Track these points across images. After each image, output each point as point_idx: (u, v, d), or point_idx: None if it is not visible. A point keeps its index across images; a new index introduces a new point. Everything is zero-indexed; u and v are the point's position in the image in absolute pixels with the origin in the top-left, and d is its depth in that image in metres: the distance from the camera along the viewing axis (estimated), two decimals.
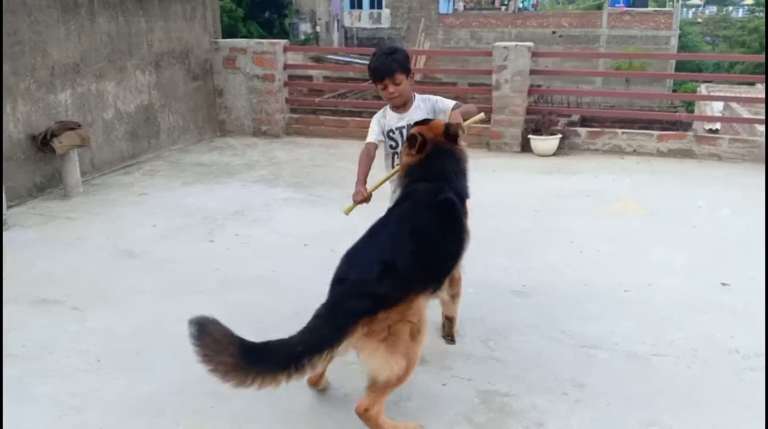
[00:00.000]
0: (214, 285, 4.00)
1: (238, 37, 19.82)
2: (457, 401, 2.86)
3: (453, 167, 2.91)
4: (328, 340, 2.33)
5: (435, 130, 2.94)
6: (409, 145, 2.90)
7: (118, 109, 6.62)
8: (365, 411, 2.50)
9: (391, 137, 3.40)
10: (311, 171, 6.66)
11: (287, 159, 7.15)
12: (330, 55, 25.66)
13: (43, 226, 4.95)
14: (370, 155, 3.41)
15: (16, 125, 5.41)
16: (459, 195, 2.88)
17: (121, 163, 6.69)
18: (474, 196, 5.04)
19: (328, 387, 2.91)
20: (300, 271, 4.23)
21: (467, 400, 2.87)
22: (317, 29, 41.22)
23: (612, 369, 3.13)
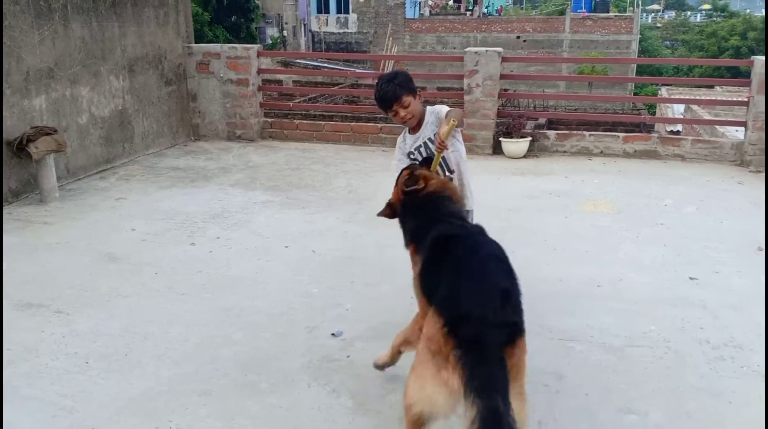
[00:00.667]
0: (198, 287, 4.04)
1: (204, 42, 19.73)
2: None
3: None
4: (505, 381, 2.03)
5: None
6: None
7: (92, 114, 6.59)
8: None
9: (412, 158, 3.41)
10: (288, 174, 6.71)
11: (263, 163, 7.19)
12: (298, 60, 25.68)
13: (22, 232, 4.92)
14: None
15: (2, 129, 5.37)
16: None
17: (96, 168, 6.65)
18: None
19: None
20: (283, 272, 4.29)
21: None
22: (284, 33, 41.14)
23: (589, 361, 3.26)
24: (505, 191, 6.22)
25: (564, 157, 7.63)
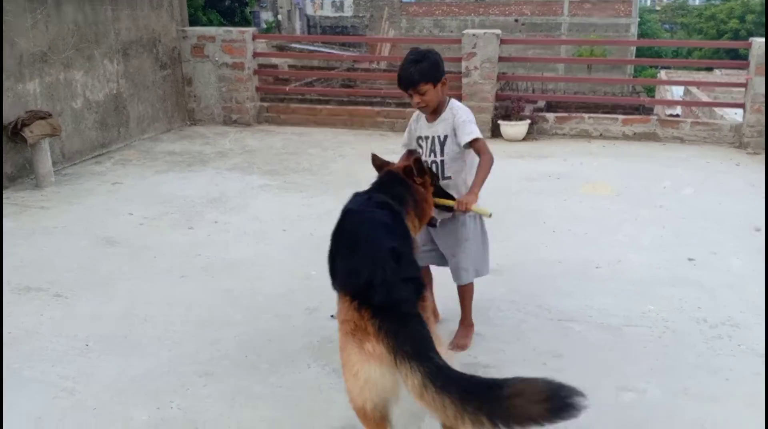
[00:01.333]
0: (197, 270, 4.04)
1: (198, 26, 19.56)
2: None
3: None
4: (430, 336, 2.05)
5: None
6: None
7: (87, 98, 6.55)
8: None
9: (419, 144, 3.19)
10: (285, 158, 6.69)
11: (260, 147, 7.17)
12: (294, 44, 25.50)
13: (19, 216, 4.91)
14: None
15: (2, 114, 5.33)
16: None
17: (92, 152, 6.63)
18: None
19: None
20: (281, 254, 4.30)
21: None
22: (279, 18, 40.86)
23: (587, 340, 3.28)
24: (504, 174, 6.16)
25: (563, 139, 7.61)
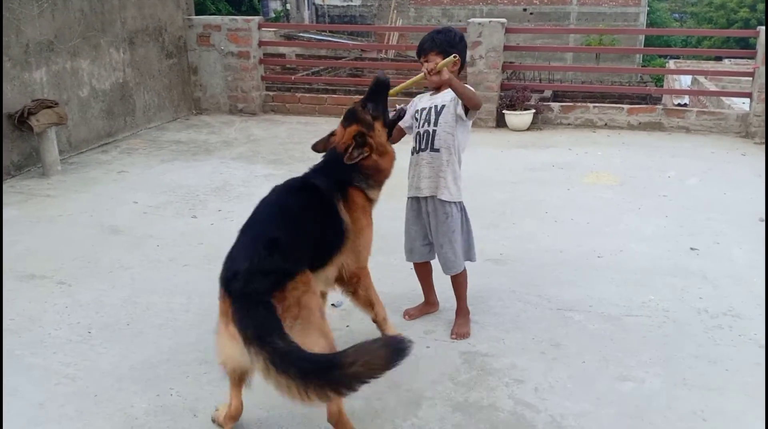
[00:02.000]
0: (199, 259, 4.06)
1: (206, 14, 19.54)
2: (441, 362, 2.99)
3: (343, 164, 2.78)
4: (276, 322, 2.15)
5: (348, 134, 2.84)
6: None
7: (93, 86, 6.57)
8: (340, 413, 2.38)
9: (415, 118, 3.14)
10: (289, 148, 6.70)
11: (265, 136, 7.18)
12: (302, 33, 25.43)
13: (24, 204, 4.94)
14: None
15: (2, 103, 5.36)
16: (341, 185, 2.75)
17: (98, 141, 6.66)
18: None
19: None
20: None
21: (450, 361, 2.99)
22: (287, 6, 40.69)
23: (587, 330, 3.28)
24: (508, 164, 6.20)
25: (568, 129, 7.59)
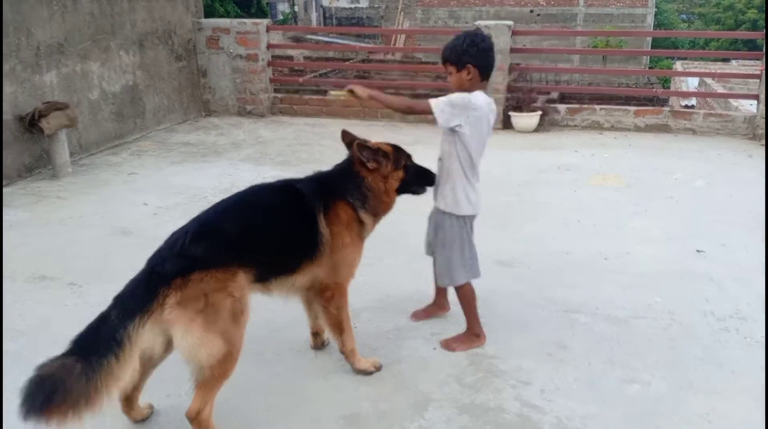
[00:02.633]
0: None
1: (215, 17, 19.65)
2: (447, 364, 3.01)
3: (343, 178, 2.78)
4: (140, 304, 2.17)
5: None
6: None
7: (103, 89, 6.63)
8: (198, 414, 2.31)
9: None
10: (297, 149, 6.74)
11: (273, 138, 7.22)
12: (310, 35, 25.50)
13: (34, 206, 5.00)
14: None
15: (3, 106, 5.41)
16: (330, 196, 2.73)
17: (108, 143, 6.71)
18: None
19: (150, 416, 2.62)
20: None
21: (456, 363, 3.01)
22: (295, 9, 40.82)
23: (593, 332, 3.29)
24: (515, 166, 6.22)
25: (574, 131, 7.59)
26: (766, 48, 6.80)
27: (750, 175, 5.85)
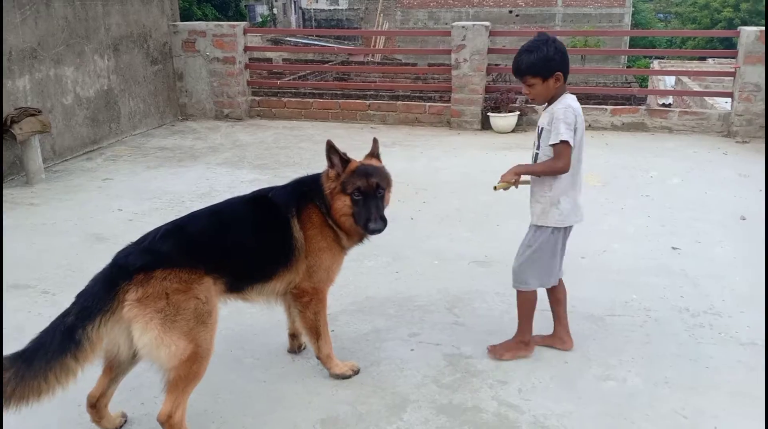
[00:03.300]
0: None
1: (192, 20, 19.57)
2: (425, 365, 3.01)
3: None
4: (99, 301, 2.14)
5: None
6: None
7: (77, 94, 6.55)
8: (169, 418, 2.29)
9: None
10: (275, 152, 6.71)
11: (251, 141, 7.19)
12: (288, 38, 25.43)
13: (8, 213, 4.92)
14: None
15: None
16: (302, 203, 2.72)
17: (83, 148, 6.64)
18: (436, 173, 5.06)
19: (123, 425, 2.56)
20: None
21: (434, 364, 3.02)
22: (274, 11, 40.75)
23: (570, 329, 3.30)
24: (493, 166, 6.14)
25: None
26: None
27: (725, 172, 5.92)
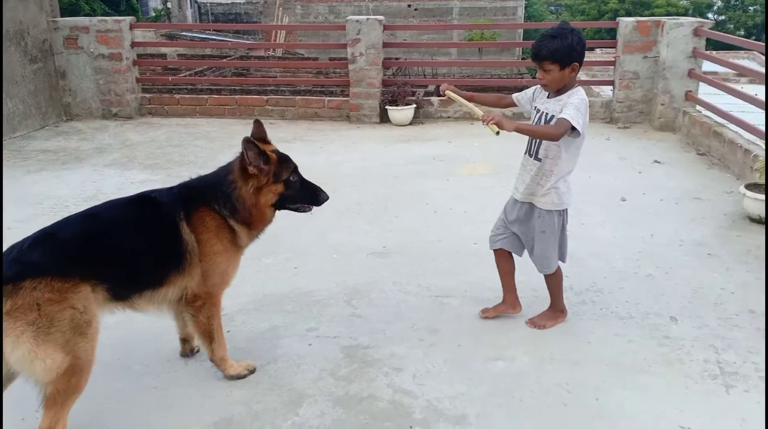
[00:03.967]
0: None
1: (80, 16, 18.58)
2: (322, 358, 3.01)
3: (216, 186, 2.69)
4: None
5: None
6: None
7: None
8: None
9: (532, 112, 3.19)
10: (168, 151, 6.51)
11: (142, 140, 6.93)
12: (184, 32, 24.64)
13: None
14: (500, 97, 3.45)
15: None
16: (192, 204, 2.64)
17: None
18: (336, 167, 5.02)
19: None
20: None
21: (332, 357, 3.03)
22: (168, 5, 39.33)
23: (463, 314, 3.41)
24: (390, 158, 6.32)
25: (448, 122, 7.81)
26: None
27: (608, 156, 6.25)
